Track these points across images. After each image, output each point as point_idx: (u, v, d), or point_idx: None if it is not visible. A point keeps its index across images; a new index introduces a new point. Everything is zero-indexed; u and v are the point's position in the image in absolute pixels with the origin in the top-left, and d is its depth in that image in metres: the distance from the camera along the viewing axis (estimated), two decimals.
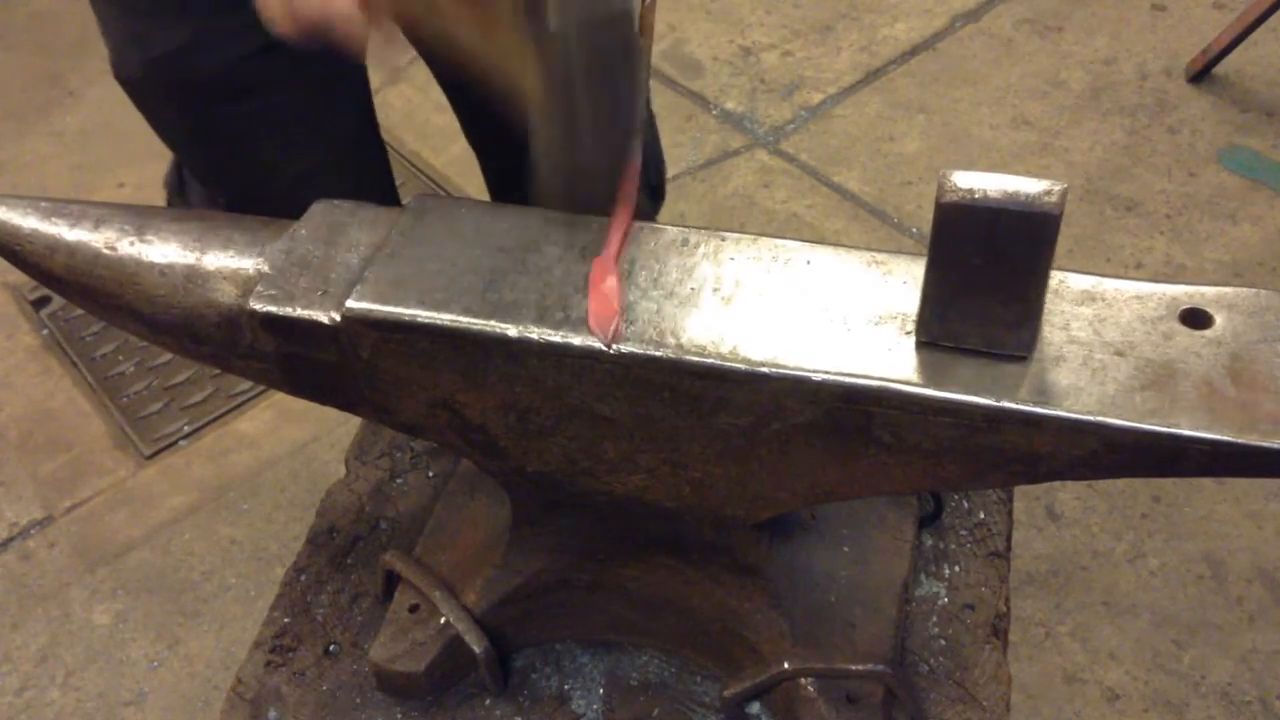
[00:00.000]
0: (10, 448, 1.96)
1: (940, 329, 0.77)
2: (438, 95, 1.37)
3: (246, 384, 1.98)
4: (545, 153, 0.90)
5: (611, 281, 0.84)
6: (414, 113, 2.59)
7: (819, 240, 0.88)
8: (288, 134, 1.16)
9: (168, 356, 2.06)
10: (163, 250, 0.94)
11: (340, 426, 1.89)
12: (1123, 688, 1.52)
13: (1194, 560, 1.64)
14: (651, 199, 1.41)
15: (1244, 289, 0.79)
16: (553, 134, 0.88)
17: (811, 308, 0.82)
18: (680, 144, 2.47)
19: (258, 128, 1.14)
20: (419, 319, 0.83)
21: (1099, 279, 0.82)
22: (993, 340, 0.77)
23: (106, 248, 0.95)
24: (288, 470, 1.88)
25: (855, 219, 2.26)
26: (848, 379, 0.77)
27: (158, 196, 1.54)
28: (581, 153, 0.88)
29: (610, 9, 0.82)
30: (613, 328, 0.81)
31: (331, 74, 1.16)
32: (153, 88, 1.12)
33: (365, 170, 1.30)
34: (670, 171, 2.34)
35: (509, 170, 1.35)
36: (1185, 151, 2.33)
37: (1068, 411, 0.73)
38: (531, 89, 0.86)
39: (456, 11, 0.89)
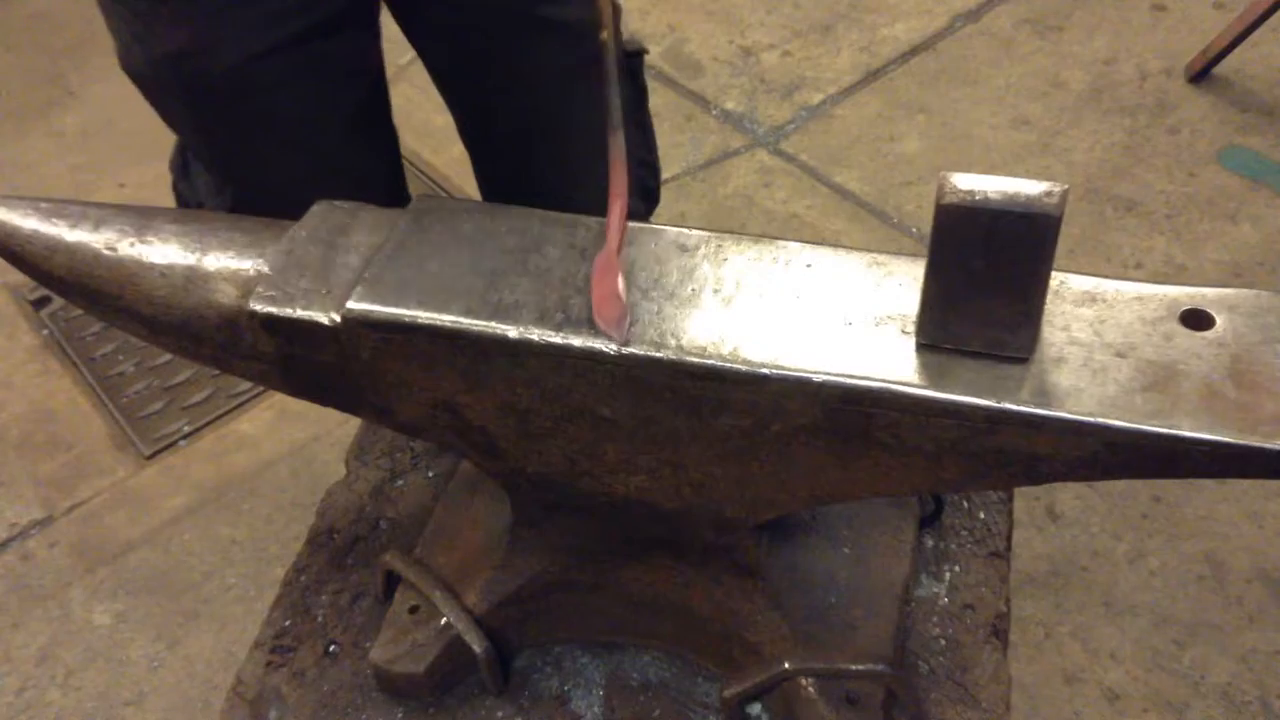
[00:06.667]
0: (10, 448, 1.96)
1: (941, 330, 0.77)
2: (438, 95, 1.37)
3: (246, 384, 1.98)
4: None
5: (617, 278, 0.84)
6: (414, 113, 2.58)
7: (819, 240, 0.88)
8: (295, 131, 1.17)
9: (168, 356, 2.06)
10: (163, 251, 0.94)
11: (340, 426, 1.88)
12: (1123, 688, 1.52)
13: (1194, 560, 1.64)
14: (645, 202, 1.40)
15: (1245, 290, 0.79)
16: None
17: (812, 309, 0.82)
18: (680, 144, 2.47)
19: (265, 125, 1.15)
20: (419, 320, 0.83)
21: (1099, 280, 0.82)
22: (993, 342, 0.76)
23: (106, 249, 0.95)
24: (288, 470, 1.88)
25: (855, 219, 2.26)
26: (848, 380, 0.77)
27: (158, 197, 1.53)
28: None
29: None
30: (623, 325, 0.80)
31: (340, 71, 1.16)
32: (157, 84, 1.13)
33: (375, 163, 1.30)
34: (670, 171, 2.34)
35: (502, 173, 1.35)
36: (1185, 151, 2.33)
37: (1069, 413, 0.73)
38: None
39: None
